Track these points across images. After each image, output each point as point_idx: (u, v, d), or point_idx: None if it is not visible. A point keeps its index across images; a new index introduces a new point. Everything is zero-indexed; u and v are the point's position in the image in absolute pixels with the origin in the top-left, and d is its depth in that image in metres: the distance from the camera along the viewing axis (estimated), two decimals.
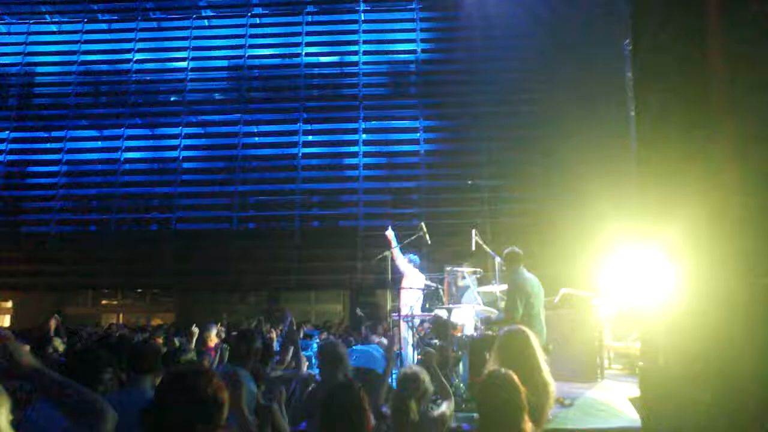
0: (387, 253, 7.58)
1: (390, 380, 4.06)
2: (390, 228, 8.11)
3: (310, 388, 4.09)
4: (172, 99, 16.28)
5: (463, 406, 5.45)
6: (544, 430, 3.52)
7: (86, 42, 16.42)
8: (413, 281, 7.87)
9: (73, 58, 16.33)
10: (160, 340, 7.27)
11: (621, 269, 8.83)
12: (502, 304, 6.79)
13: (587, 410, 5.42)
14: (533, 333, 5.25)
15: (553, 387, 3.52)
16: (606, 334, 8.47)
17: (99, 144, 16.13)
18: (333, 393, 2.66)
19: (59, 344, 5.33)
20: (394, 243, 7.87)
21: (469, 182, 14.43)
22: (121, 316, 16.89)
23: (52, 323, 5.88)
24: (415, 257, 8.24)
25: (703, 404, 1.83)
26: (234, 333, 5.19)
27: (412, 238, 7.83)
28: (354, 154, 15.19)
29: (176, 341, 7.34)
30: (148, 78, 16.35)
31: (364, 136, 15.28)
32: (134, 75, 16.26)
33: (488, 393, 2.74)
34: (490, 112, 14.64)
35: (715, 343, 2.13)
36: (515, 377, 2.76)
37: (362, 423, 2.54)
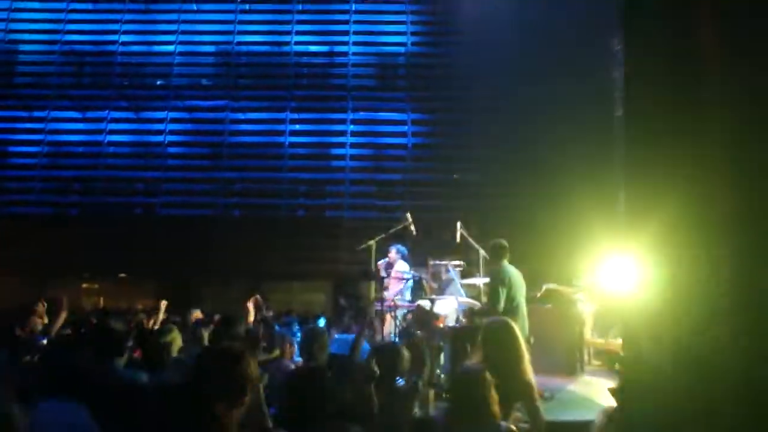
0: (371, 242, 7.56)
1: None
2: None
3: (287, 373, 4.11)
4: (158, 83, 16.07)
5: (443, 396, 5.46)
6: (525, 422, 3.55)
7: (70, 21, 16.12)
8: (402, 274, 7.89)
9: (57, 37, 16.04)
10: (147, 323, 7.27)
11: (603, 266, 8.91)
12: (485, 298, 6.82)
13: (567, 403, 5.48)
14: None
15: (533, 383, 3.55)
16: (587, 330, 8.56)
17: (82, 126, 15.88)
18: (297, 377, 2.73)
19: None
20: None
21: (455, 176, 14.46)
22: (101, 300, 16.69)
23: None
24: (403, 248, 8.25)
25: (681, 391, 1.86)
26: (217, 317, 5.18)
27: (398, 228, 7.83)
28: (341, 145, 15.14)
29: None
30: (133, 61, 16.12)
31: (351, 127, 15.22)
32: (120, 57, 16.02)
33: (459, 385, 2.84)
34: (477, 107, 14.65)
35: (695, 335, 2.15)
36: (485, 373, 2.82)
37: (321, 405, 2.58)
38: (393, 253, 8.05)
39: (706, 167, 2.14)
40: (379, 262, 7.96)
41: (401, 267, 7.97)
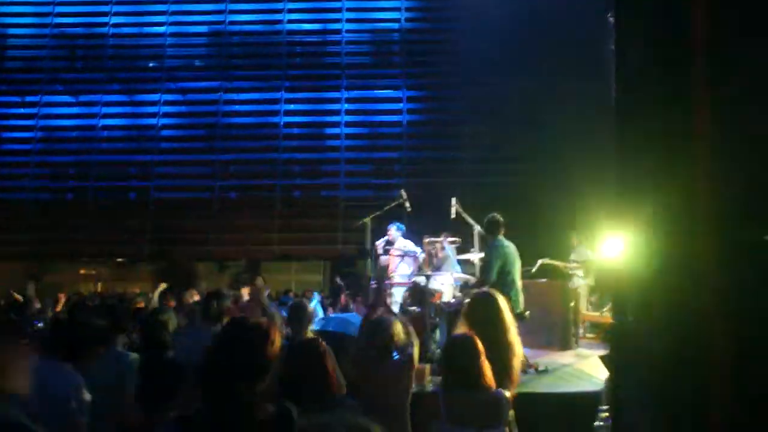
0: (366, 220, 7.56)
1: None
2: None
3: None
4: (150, 65, 15.91)
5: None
6: (519, 393, 3.58)
7: (60, 4, 15.92)
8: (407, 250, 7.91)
9: (47, 20, 15.84)
10: (142, 304, 7.31)
11: (598, 241, 8.92)
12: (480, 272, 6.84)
13: (561, 375, 5.53)
14: (509, 299, 5.32)
15: (521, 349, 3.56)
16: (582, 304, 8.61)
17: (75, 110, 15.77)
18: (295, 349, 2.72)
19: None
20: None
21: (452, 154, 14.41)
22: (99, 285, 16.73)
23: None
24: (402, 225, 8.24)
25: (668, 356, 1.87)
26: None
27: (392, 205, 7.83)
28: (336, 124, 15.05)
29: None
30: (125, 43, 15.94)
31: (346, 105, 15.13)
32: (111, 39, 15.84)
33: (449, 354, 2.87)
34: (473, 83, 14.54)
35: (683, 303, 2.17)
36: (476, 340, 2.84)
37: (323, 380, 2.56)
38: (393, 231, 8.03)
39: (691, 152, 2.14)
40: (378, 241, 7.96)
41: (401, 243, 7.96)
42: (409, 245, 7.95)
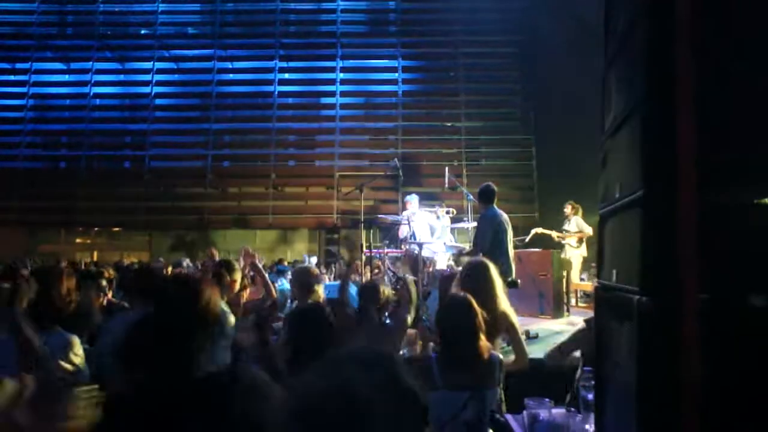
0: (356, 189, 7.59)
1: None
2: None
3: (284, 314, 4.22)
4: (142, 32, 15.68)
5: (432, 328, 5.58)
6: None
7: None
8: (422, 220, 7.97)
9: None
10: None
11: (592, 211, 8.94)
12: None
13: (549, 341, 5.62)
14: (501, 267, 5.37)
15: (514, 317, 3.61)
16: (575, 274, 8.70)
17: (66, 77, 15.58)
18: (302, 312, 2.77)
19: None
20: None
21: (449, 125, 14.35)
22: (95, 254, 16.75)
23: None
24: (412, 196, 8.26)
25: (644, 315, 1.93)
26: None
27: (385, 174, 7.84)
28: (331, 94, 14.93)
29: None
30: (116, 8, 15.67)
31: (341, 75, 14.98)
32: (102, 5, 15.57)
33: (447, 314, 2.86)
34: (469, 53, 14.41)
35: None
36: (473, 300, 2.85)
37: (328, 338, 2.62)
38: (414, 202, 8.08)
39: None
40: (404, 214, 8.06)
41: (419, 214, 8.00)
42: (425, 216, 8.02)
